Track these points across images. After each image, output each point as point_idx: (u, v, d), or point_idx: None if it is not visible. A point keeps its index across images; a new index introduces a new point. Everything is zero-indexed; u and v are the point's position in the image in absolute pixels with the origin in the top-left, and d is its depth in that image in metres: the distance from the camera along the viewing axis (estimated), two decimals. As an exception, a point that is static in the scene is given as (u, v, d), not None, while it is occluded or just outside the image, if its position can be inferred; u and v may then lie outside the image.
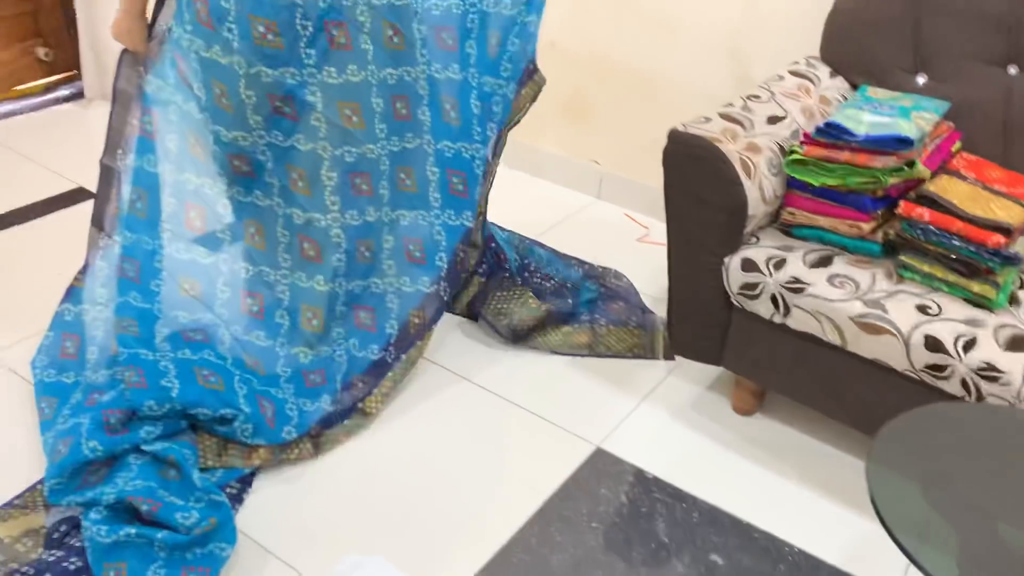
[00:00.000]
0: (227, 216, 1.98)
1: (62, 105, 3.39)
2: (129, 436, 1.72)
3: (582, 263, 2.52)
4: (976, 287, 1.71)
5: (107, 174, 2.01)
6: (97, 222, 2.04)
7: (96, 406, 1.75)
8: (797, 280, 1.79)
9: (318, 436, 1.89)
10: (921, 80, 2.08)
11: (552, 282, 2.42)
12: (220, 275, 1.96)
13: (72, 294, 2.05)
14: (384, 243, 2.02)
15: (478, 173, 2.02)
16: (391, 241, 2.02)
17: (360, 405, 1.95)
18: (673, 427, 2.05)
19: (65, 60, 3.42)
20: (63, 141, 3.15)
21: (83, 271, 2.07)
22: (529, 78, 2.09)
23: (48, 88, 3.43)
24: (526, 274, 2.38)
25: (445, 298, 2.04)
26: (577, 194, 2.97)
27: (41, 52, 3.36)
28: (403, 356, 2.00)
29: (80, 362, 1.96)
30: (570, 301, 2.35)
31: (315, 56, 1.84)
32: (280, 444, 1.83)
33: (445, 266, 2.02)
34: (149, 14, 1.93)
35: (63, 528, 1.65)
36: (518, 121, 2.15)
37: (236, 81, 1.83)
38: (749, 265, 1.84)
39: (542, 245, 2.55)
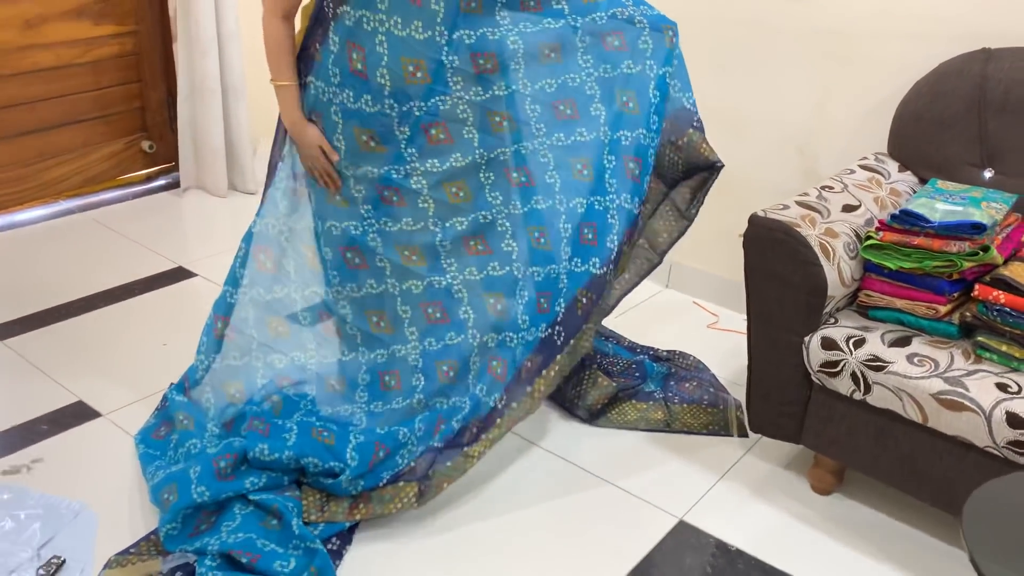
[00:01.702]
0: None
1: (160, 194, 3.64)
2: (234, 484, 1.84)
3: (648, 348, 2.62)
4: (1054, 367, 1.77)
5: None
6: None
7: (205, 455, 1.87)
8: (877, 358, 1.87)
9: (422, 480, 1.94)
10: (988, 175, 2.19)
11: (620, 363, 2.50)
12: (360, 367, 2.11)
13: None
14: (519, 298, 2.04)
15: (612, 223, 2.01)
16: (525, 296, 2.04)
17: (466, 448, 1.98)
18: (753, 504, 2.09)
19: (166, 152, 3.69)
20: (163, 225, 3.37)
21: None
22: (678, 136, 2.08)
23: (148, 177, 3.68)
24: (596, 362, 2.46)
25: (559, 342, 2.02)
26: (647, 282, 3.05)
27: (145, 145, 3.64)
28: (513, 404, 2.01)
29: (166, 442, 2.09)
30: (638, 374, 2.43)
31: (416, 153, 1.99)
32: (381, 491, 1.91)
33: (562, 311, 2.02)
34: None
35: (178, 575, 1.74)
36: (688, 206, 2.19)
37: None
38: (829, 344, 1.93)
39: (607, 338, 2.63)
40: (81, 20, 3.29)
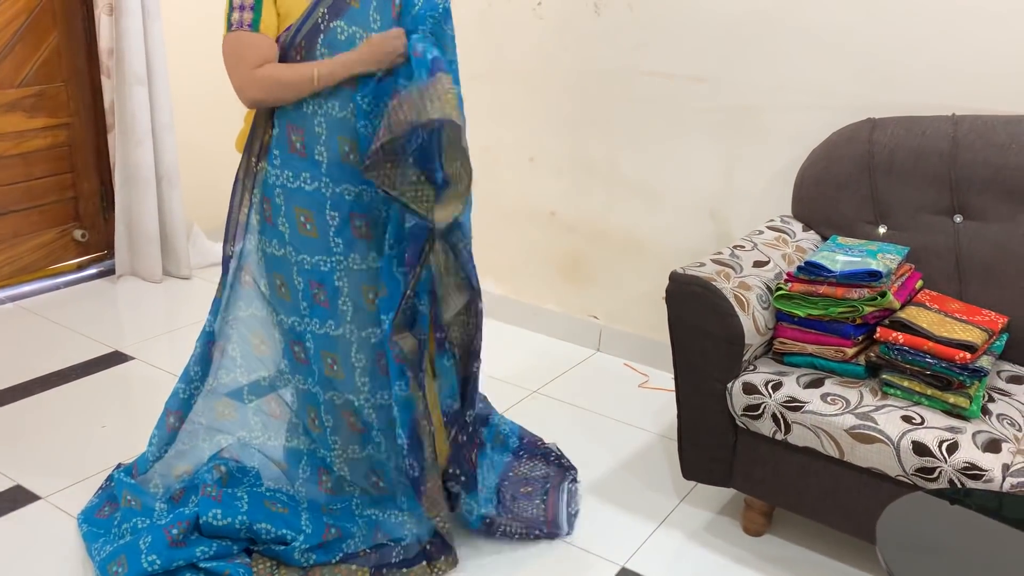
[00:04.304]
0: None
1: (93, 281, 3.64)
2: (185, 551, 1.85)
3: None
4: (952, 399, 1.93)
5: None
6: None
7: (155, 526, 1.88)
8: (794, 399, 2.01)
9: (376, 570, 1.96)
10: (882, 230, 2.40)
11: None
12: (301, 457, 2.14)
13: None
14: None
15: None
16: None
17: (426, 563, 2.02)
18: (691, 548, 2.18)
19: (98, 241, 3.71)
20: (98, 312, 3.37)
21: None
22: None
23: (80, 266, 3.69)
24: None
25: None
26: (579, 348, 3.21)
27: (78, 234, 3.65)
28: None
29: (110, 520, 2.09)
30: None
31: (342, 243, 2.03)
32: (334, 568, 1.94)
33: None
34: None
35: (128, 648, 1.74)
36: None
37: (323, 203, 1.97)
38: (750, 388, 2.06)
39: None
40: (14, 113, 3.34)
